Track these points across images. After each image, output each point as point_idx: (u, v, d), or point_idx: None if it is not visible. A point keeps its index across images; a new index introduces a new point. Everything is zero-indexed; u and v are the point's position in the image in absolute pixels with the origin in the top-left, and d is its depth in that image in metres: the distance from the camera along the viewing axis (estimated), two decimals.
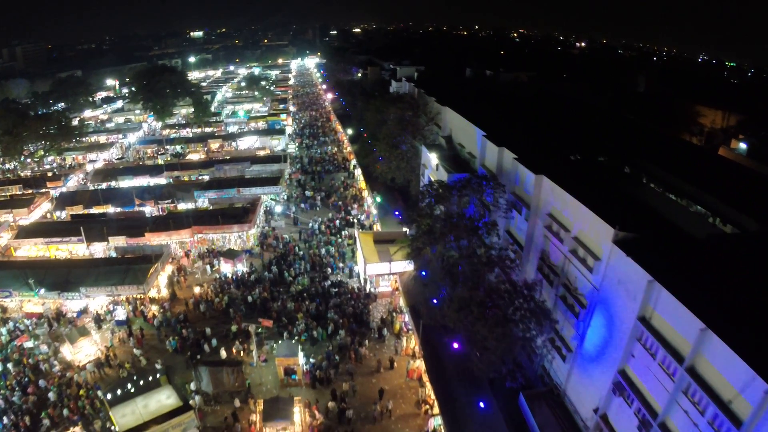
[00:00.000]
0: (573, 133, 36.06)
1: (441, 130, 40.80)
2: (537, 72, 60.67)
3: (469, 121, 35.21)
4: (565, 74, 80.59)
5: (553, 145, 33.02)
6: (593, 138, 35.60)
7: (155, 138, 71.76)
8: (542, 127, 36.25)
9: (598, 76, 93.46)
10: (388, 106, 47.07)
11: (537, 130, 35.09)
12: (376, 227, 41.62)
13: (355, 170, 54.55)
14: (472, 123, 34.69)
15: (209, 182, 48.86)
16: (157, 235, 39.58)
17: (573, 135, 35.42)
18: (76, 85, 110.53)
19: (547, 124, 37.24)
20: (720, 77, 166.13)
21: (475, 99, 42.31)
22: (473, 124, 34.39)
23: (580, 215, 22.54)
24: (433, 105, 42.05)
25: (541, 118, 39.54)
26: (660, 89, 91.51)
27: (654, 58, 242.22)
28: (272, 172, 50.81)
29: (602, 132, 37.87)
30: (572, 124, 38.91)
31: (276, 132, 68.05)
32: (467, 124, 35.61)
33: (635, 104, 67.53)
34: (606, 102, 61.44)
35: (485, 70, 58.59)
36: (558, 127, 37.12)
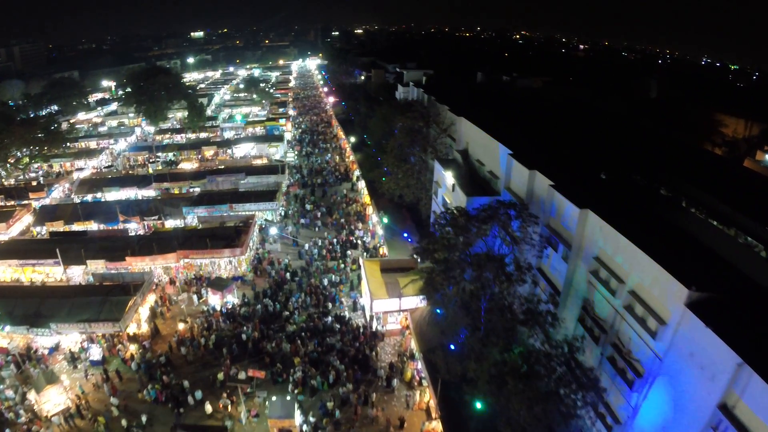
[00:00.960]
0: (599, 146, 31.94)
1: (455, 143, 36.41)
2: (552, 77, 56.35)
3: (490, 136, 30.83)
4: (577, 79, 76.22)
5: (584, 162, 28.82)
6: (620, 152, 31.57)
7: (147, 144, 67.39)
8: (568, 141, 31.94)
9: (610, 80, 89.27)
10: (395, 114, 42.78)
11: (564, 145, 30.76)
12: (382, 250, 37.30)
13: (359, 182, 50.18)
14: (493, 138, 30.31)
15: (199, 197, 44.47)
16: (139, 260, 35.34)
17: (599, 149, 31.30)
18: (69, 86, 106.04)
19: (572, 137, 32.95)
20: (727, 81, 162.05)
21: (493, 108, 37.86)
22: (495, 140, 30.01)
23: (639, 265, 18.21)
24: (446, 114, 37.65)
25: (565, 129, 35.25)
26: (673, 95, 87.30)
27: (659, 61, 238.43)
28: (268, 185, 46.45)
29: (628, 144, 33.87)
30: (597, 135, 34.73)
31: (274, 139, 63.69)
32: (488, 139, 31.23)
33: (652, 111, 63.32)
34: (622, 109, 57.23)
35: (498, 74, 54.24)
36: (583, 139, 32.91)
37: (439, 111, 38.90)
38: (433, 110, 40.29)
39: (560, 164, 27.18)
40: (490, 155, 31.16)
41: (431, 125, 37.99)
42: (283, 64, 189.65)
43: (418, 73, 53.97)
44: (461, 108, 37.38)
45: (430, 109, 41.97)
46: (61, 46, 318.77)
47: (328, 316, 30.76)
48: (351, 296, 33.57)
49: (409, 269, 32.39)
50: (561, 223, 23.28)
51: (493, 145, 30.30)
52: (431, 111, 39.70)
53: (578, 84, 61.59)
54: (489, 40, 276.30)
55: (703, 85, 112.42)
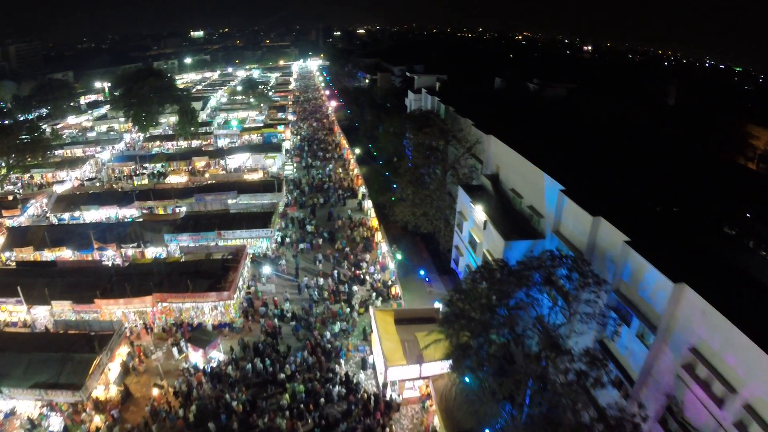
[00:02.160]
0: (649, 172, 26.19)
1: (482, 166, 30.38)
2: (576, 83, 50.41)
3: (530, 163, 24.84)
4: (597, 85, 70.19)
5: (649, 199, 23.00)
6: (667, 176, 25.94)
7: (134, 154, 61.33)
8: (620, 169, 25.96)
9: (628, 85, 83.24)
10: (407, 127, 36.92)
11: (619, 175, 24.77)
12: (394, 290, 31.39)
13: (365, 201, 44.18)
14: (536, 166, 24.34)
15: (184, 220, 38.52)
16: (110, 303, 29.56)
17: (650, 176, 25.57)
18: (59, 88, 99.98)
19: (621, 162, 26.99)
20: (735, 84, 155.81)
21: (526, 123, 31.79)
22: (539, 168, 24.04)
23: (762, 370, 12.41)
24: (469, 130, 31.58)
25: (612, 151, 29.27)
26: (691, 101, 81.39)
27: (665, 63, 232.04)
28: (263, 206, 40.45)
29: (673, 165, 28.18)
30: (644, 158, 28.83)
31: (271, 149, 57.66)
32: (527, 166, 25.24)
33: (677, 121, 57.50)
34: (648, 118, 51.34)
35: (519, 80, 48.21)
36: (632, 164, 27.02)
37: (461, 126, 32.85)
38: (453, 124, 34.25)
39: (626, 205, 21.30)
40: (532, 187, 25.17)
41: (451, 141, 31.97)
42: (284, 65, 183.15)
43: (431, 78, 47.87)
44: (488, 123, 31.33)
45: (448, 121, 35.98)
46: (61, 45, 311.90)
47: (333, 383, 24.84)
48: (359, 349, 27.70)
49: (430, 320, 26.61)
50: (639, 293, 17.36)
51: (536, 176, 24.31)
52: (451, 125, 33.62)
53: (602, 91, 55.56)
54: (492, 40, 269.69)
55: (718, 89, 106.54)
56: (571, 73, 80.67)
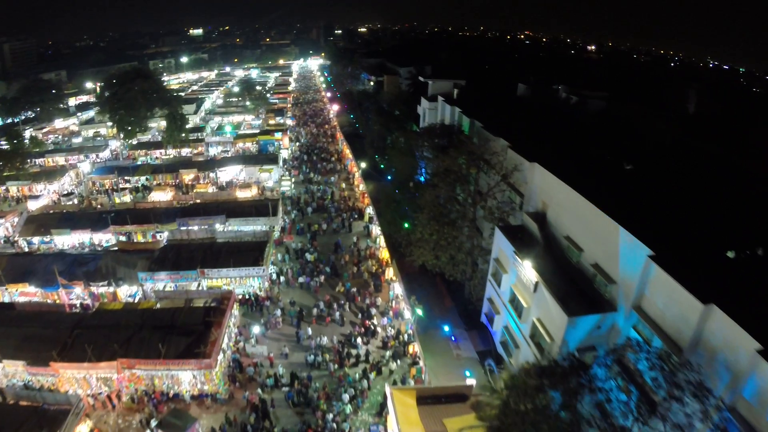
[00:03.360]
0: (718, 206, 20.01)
1: (524, 200, 24.20)
2: (609, 92, 44.04)
3: (596, 207, 18.67)
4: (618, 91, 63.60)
5: None
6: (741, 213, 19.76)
7: (117, 164, 54.93)
8: (716, 217, 19.67)
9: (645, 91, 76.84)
10: (422, 143, 30.69)
11: (720, 229, 18.49)
12: (412, 348, 25.31)
13: (373, 225, 38.00)
14: (606, 213, 18.17)
15: (163, 253, 32.37)
16: (69, 367, 23.65)
17: None
18: (46, 89, 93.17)
19: (717, 209, 20.73)
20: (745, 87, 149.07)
21: (576, 147, 25.47)
22: (610, 217, 17.88)
23: None
24: (505, 153, 25.38)
25: (700, 191, 22.73)
26: (715, 108, 74.89)
27: (672, 64, 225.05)
28: (255, 234, 34.23)
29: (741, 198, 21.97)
30: (734, 198, 22.62)
31: (267, 160, 51.31)
32: (591, 211, 19.05)
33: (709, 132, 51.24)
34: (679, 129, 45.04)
35: (546, 86, 41.93)
36: (729, 210, 20.76)
37: (492, 146, 26.56)
38: (481, 143, 28.00)
39: (746, 283, 15.24)
40: (598, 239, 18.98)
41: (482, 167, 25.72)
42: (284, 64, 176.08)
43: (446, 83, 41.57)
44: (528, 144, 25.11)
45: (474, 139, 29.75)
46: (59, 43, 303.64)
47: None
48: (372, 431, 21.68)
49: (461, 398, 20.66)
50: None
51: (605, 227, 18.13)
52: (479, 145, 27.32)
53: (633, 100, 49.29)
54: (494, 40, 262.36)
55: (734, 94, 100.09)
56: (587, 77, 74.21)
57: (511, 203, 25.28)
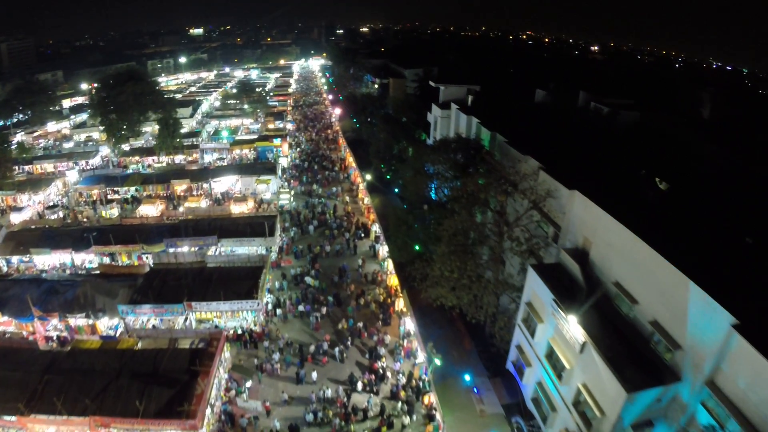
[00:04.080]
0: None
1: (561, 234, 20.58)
2: (633, 99, 40.38)
3: (659, 254, 15.06)
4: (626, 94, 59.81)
5: None
6: None
7: (106, 173, 51.30)
8: None
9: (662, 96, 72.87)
10: (436, 158, 27.03)
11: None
12: (427, 399, 21.74)
13: (380, 245, 34.40)
14: (672, 263, 14.57)
15: (147, 280, 28.80)
16: (38, 422, 20.28)
17: None
18: (38, 91, 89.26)
19: None
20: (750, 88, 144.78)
21: (619, 169, 21.82)
22: (678, 268, 14.30)
23: None
24: (536, 175, 21.75)
25: None
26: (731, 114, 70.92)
27: (677, 65, 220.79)
28: (249, 259, 30.59)
29: None
30: None
31: (264, 170, 47.61)
32: (653, 258, 15.42)
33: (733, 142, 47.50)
34: (722, 146, 41.23)
35: (567, 93, 38.30)
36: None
37: (517, 165, 22.96)
38: (505, 160, 24.40)
39: None
40: (660, 293, 15.37)
41: (508, 190, 22.07)
42: (284, 64, 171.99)
43: (459, 89, 37.91)
44: (563, 166, 21.49)
45: (497, 155, 26.13)
46: (59, 42, 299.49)
47: None
48: None
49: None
50: None
51: (671, 279, 14.53)
52: (503, 163, 23.68)
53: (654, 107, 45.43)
54: (497, 40, 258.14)
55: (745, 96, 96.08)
56: (600, 80, 70.31)
57: (544, 235, 21.64)
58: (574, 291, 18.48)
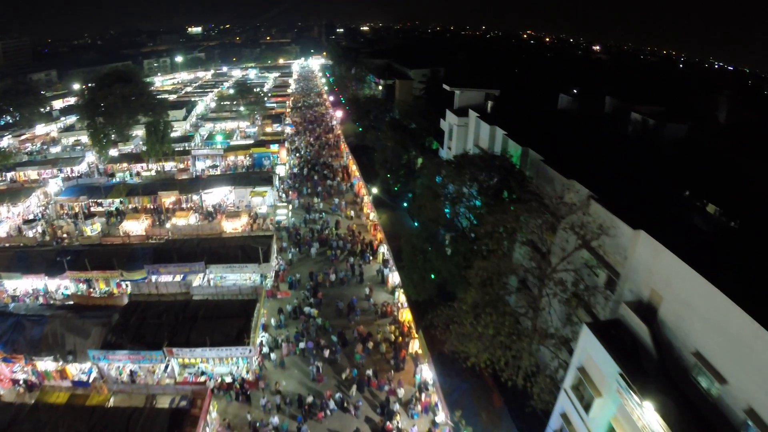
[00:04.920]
0: None
1: (620, 281, 16.48)
2: (664, 106, 36.26)
3: None
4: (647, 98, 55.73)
5: None
6: None
7: (90, 183, 47.00)
8: None
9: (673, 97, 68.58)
10: (456, 178, 22.90)
11: None
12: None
13: (389, 271, 30.34)
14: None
15: (123, 318, 24.69)
16: None
17: None
18: (25, 92, 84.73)
19: None
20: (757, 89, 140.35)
21: (686, 201, 17.73)
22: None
23: None
24: (586, 206, 17.63)
25: None
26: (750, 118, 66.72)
27: (681, 66, 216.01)
28: (240, 291, 26.45)
29: None
30: None
31: (260, 180, 43.39)
32: (753, 330, 11.41)
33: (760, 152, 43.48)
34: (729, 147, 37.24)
35: (593, 99, 34.23)
36: None
37: (558, 190, 18.95)
38: (541, 183, 20.32)
39: None
40: (761, 376, 11.36)
41: (550, 224, 17.92)
42: (283, 64, 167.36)
43: (477, 94, 33.78)
44: (620, 197, 17.42)
45: (525, 170, 22.06)
46: (58, 41, 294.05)
47: None
48: None
49: None
50: None
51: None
52: (538, 186, 19.55)
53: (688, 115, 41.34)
54: (498, 39, 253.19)
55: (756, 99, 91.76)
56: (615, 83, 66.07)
57: (594, 280, 17.56)
58: (640, 359, 14.47)
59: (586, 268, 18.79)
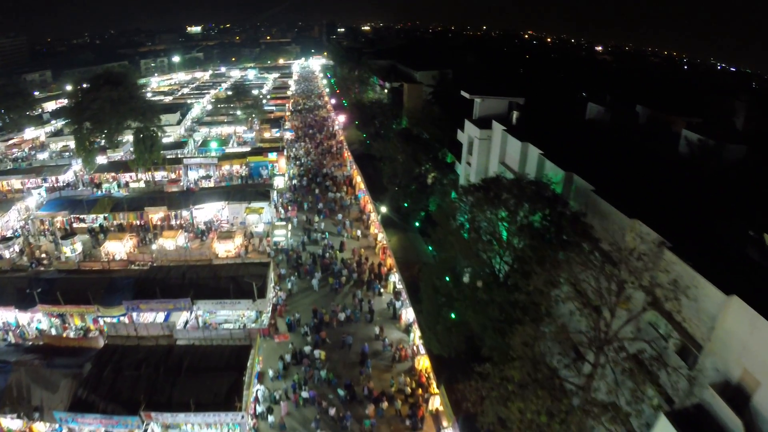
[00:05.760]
0: None
1: (702, 355, 12.77)
2: (701, 117, 32.61)
3: None
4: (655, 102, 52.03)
5: None
6: None
7: (74, 196, 43.08)
8: None
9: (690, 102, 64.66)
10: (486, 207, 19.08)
11: None
12: None
13: (401, 304, 26.61)
14: None
15: (96, 369, 20.94)
16: None
17: None
18: (13, 95, 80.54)
19: None
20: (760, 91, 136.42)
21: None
22: None
23: None
24: (662, 259, 13.89)
25: None
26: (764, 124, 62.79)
27: (685, 67, 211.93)
28: (231, 335, 22.66)
29: None
30: None
31: (256, 194, 39.52)
32: None
33: None
34: None
35: (626, 109, 30.50)
36: None
37: (612, 231, 15.20)
38: (595, 219, 16.56)
39: None
40: None
41: (621, 285, 14.05)
42: (283, 64, 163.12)
43: (500, 102, 29.93)
44: (699, 246, 13.73)
45: (568, 199, 18.34)
46: (56, 40, 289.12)
47: None
48: None
49: None
50: None
51: None
52: (600, 225, 15.74)
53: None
54: (500, 39, 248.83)
55: None
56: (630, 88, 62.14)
57: (663, 345, 13.80)
58: None
59: (651, 327, 15.06)
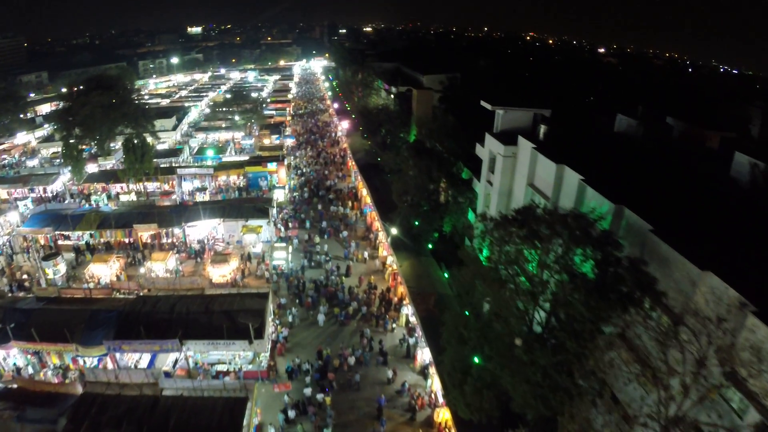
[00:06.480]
0: None
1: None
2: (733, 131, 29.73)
3: None
4: None
5: None
6: None
7: (58, 210, 39.94)
8: None
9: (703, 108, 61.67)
10: (521, 245, 16.04)
11: None
12: None
13: (416, 343, 23.65)
14: None
15: (72, 426, 17.96)
16: None
17: None
18: (4, 98, 77.38)
19: None
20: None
21: None
22: None
23: None
24: (743, 325, 11.07)
25: None
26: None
27: (690, 70, 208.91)
28: (225, 386, 19.66)
29: None
30: None
31: (254, 212, 36.42)
32: None
33: None
34: None
35: (658, 120, 27.57)
36: None
37: (677, 281, 12.34)
38: (655, 266, 13.70)
39: None
40: None
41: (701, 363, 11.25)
42: (284, 66, 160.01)
43: (525, 115, 26.87)
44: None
45: (620, 238, 15.46)
46: (56, 40, 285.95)
47: None
48: None
49: None
50: None
51: None
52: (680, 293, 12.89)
53: None
54: (502, 41, 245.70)
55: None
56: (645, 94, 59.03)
57: (733, 421, 10.92)
58: None
59: (721, 400, 12.14)
